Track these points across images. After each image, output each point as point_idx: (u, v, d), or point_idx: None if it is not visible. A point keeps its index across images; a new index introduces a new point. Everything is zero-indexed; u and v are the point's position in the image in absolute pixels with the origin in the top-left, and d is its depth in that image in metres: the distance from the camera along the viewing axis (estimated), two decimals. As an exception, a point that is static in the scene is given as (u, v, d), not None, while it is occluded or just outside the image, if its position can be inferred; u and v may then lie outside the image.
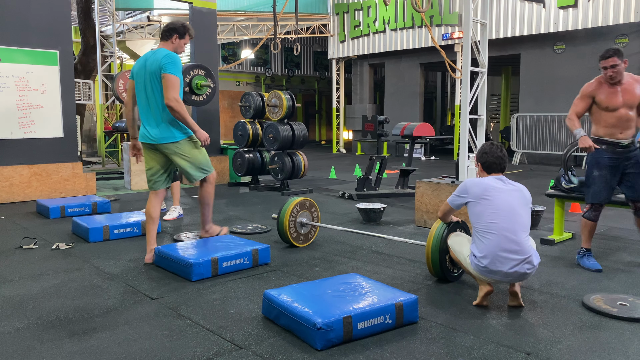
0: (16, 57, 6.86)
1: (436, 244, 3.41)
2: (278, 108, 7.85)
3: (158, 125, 3.87)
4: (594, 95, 3.87)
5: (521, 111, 13.05)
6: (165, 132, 3.87)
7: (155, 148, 3.94)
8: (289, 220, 4.38)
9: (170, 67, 3.72)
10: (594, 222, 3.91)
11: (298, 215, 4.46)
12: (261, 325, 2.77)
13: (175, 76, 3.72)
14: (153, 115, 3.87)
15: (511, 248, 2.94)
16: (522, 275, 2.97)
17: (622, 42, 11.35)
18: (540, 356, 2.41)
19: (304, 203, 4.51)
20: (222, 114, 11.50)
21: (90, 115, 15.09)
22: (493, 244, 2.98)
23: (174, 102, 3.70)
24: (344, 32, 16.65)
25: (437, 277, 3.51)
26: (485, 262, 2.98)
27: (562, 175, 4.62)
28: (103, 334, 2.66)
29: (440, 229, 3.46)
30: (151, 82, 3.81)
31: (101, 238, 4.69)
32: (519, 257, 2.93)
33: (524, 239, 2.99)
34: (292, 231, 4.42)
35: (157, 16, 15.30)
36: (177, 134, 3.90)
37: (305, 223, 4.52)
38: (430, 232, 3.48)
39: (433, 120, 21.39)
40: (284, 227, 4.38)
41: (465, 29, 5.25)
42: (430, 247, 3.43)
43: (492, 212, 3.02)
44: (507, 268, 2.93)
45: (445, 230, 3.43)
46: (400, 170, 7.81)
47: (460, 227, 3.56)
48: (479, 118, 5.58)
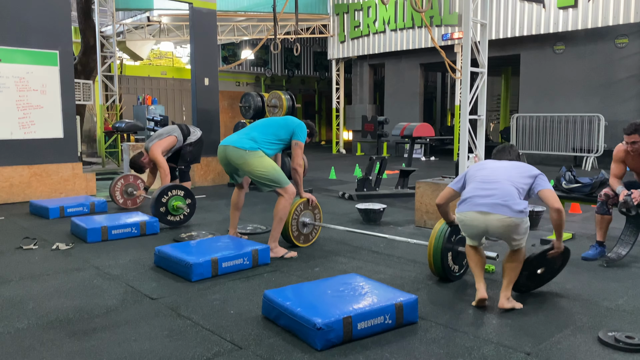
0: (16, 57, 6.86)
1: (438, 243, 3.41)
2: (278, 108, 7.85)
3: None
4: (624, 160, 4.13)
5: (521, 111, 13.05)
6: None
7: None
8: (292, 219, 4.39)
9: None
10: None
11: (301, 214, 4.47)
12: (261, 325, 2.77)
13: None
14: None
15: (488, 187, 3.01)
16: (501, 220, 2.93)
17: (622, 42, 11.35)
18: (540, 356, 2.41)
19: (307, 203, 4.52)
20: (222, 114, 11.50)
21: (90, 116, 15.09)
22: (472, 187, 3.08)
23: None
24: (344, 33, 16.65)
25: (439, 276, 3.51)
26: (463, 207, 3.06)
27: (562, 175, 4.62)
28: (103, 334, 2.66)
29: (443, 228, 3.46)
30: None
31: (99, 238, 4.69)
32: (494, 196, 2.96)
33: (507, 186, 2.98)
34: (294, 230, 4.42)
35: (157, 16, 15.31)
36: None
37: (308, 223, 4.52)
38: (433, 231, 3.48)
39: (433, 121, 21.37)
40: (287, 226, 4.38)
41: (465, 29, 5.26)
42: (432, 246, 3.43)
43: (479, 168, 3.19)
44: (479, 203, 2.98)
45: (448, 230, 3.44)
46: (400, 171, 7.80)
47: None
48: (479, 118, 5.58)
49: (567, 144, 11.97)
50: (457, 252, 3.52)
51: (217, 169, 9.06)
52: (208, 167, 8.94)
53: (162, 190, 5.30)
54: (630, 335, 2.51)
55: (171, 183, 5.86)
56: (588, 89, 11.87)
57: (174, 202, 5.30)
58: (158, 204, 5.22)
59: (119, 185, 6.44)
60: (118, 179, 6.48)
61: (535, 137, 12.51)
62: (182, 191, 5.40)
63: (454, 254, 3.51)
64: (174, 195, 5.32)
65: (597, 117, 11.37)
